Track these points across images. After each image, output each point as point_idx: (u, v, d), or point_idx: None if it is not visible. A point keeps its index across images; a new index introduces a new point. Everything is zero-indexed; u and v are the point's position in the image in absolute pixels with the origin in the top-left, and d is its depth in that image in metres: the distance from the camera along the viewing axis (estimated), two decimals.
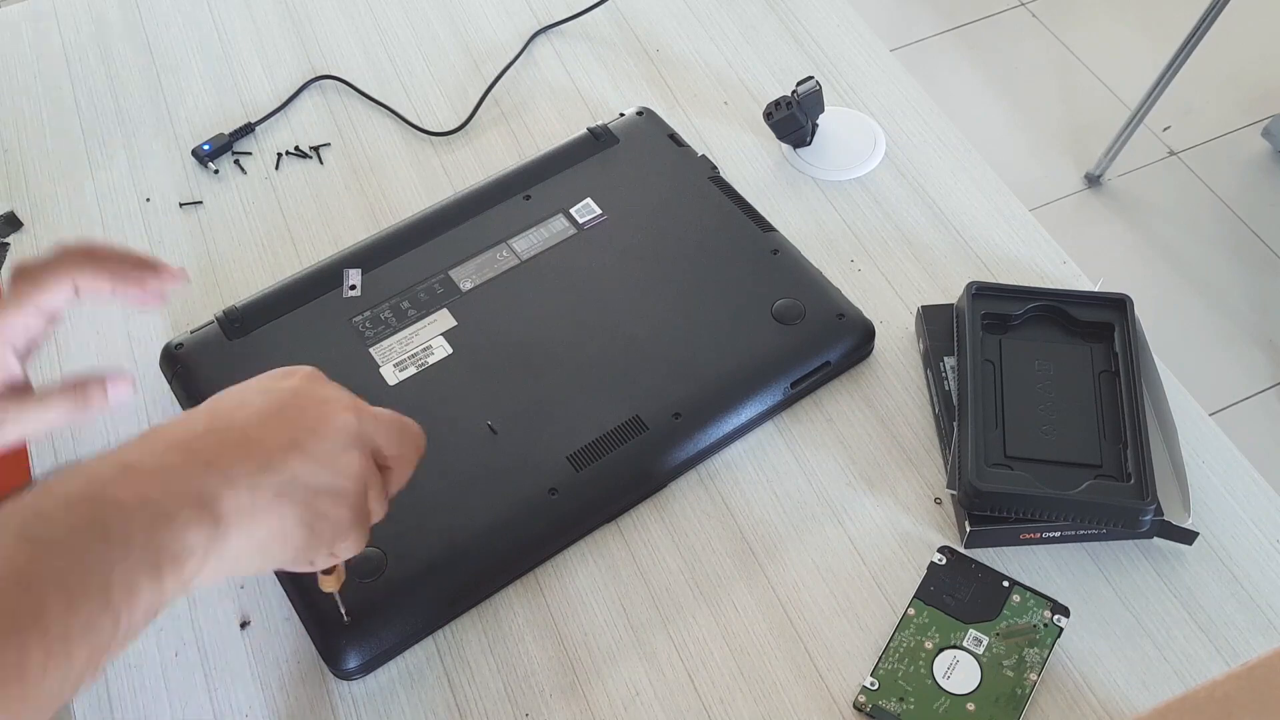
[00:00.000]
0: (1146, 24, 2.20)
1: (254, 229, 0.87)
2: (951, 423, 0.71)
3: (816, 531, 0.70)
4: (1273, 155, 2.00)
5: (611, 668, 0.65)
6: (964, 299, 0.74)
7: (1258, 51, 2.13)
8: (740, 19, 0.99)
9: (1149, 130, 2.01)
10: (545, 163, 0.85)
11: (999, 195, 0.86)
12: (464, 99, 0.95)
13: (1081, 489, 0.66)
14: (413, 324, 0.76)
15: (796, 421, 0.75)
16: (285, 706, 0.65)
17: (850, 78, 0.94)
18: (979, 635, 0.64)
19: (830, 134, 0.89)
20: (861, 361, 0.77)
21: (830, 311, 0.75)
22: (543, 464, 0.69)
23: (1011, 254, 0.82)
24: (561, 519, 0.69)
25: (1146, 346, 0.73)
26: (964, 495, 0.67)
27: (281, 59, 0.99)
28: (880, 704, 0.62)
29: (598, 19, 1.00)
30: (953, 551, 0.68)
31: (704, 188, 0.82)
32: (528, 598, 0.68)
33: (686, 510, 0.71)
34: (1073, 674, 0.64)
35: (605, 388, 0.72)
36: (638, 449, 0.70)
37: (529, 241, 0.80)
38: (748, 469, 0.73)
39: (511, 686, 0.65)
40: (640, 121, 0.87)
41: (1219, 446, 0.72)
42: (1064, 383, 0.71)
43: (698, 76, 0.95)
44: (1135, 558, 0.68)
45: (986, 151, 0.89)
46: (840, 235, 0.84)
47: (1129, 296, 0.74)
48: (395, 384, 0.73)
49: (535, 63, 0.97)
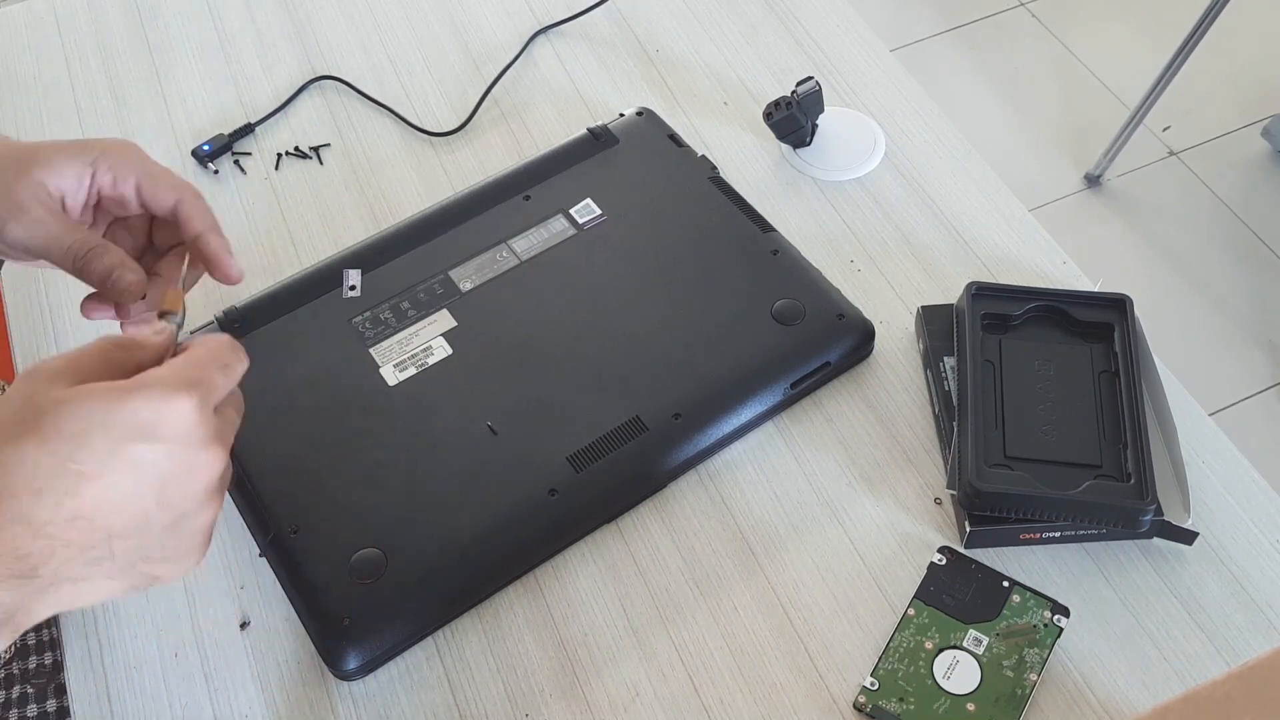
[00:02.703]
0: (1146, 24, 2.20)
1: (254, 229, 0.87)
2: (951, 423, 0.71)
3: (816, 531, 0.70)
4: (1273, 155, 2.00)
5: (611, 668, 0.65)
6: (964, 299, 0.74)
7: (1258, 51, 2.13)
8: (740, 19, 0.99)
9: (1149, 130, 2.01)
10: (545, 163, 0.85)
11: (999, 195, 0.86)
12: (464, 99, 0.95)
13: (1081, 489, 0.66)
14: (413, 324, 0.76)
15: (796, 422, 0.75)
16: (285, 706, 0.65)
17: (850, 78, 0.94)
18: (979, 635, 0.64)
19: (830, 134, 0.89)
20: (861, 362, 0.77)
21: (830, 312, 0.75)
22: (543, 464, 0.69)
23: (1011, 254, 0.82)
24: (561, 519, 0.69)
25: (1146, 346, 0.73)
26: (964, 495, 0.67)
27: (281, 59, 0.99)
28: (880, 704, 0.62)
29: (597, 19, 1.00)
30: (953, 552, 0.68)
31: (704, 188, 0.82)
32: (528, 598, 0.68)
33: (686, 510, 0.71)
34: (1073, 674, 0.64)
35: (605, 388, 0.72)
36: (638, 449, 0.70)
37: (529, 242, 0.80)
38: (748, 469, 0.73)
39: (511, 686, 0.65)
40: (640, 122, 0.87)
41: (1219, 446, 0.72)
42: (1064, 383, 0.71)
43: (698, 76, 0.95)
44: (1135, 558, 0.68)
45: (986, 151, 0.89)
46: (840, 235, 0.84)
47: (1129, 296, 0.74)
48: (395, 384, 0.73)
49: (535, 63, 0.97)
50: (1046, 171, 2.00)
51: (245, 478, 0.70)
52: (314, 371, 0.74)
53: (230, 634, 0.68)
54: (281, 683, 0.66)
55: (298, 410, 0.73)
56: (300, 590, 0.66)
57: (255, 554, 0.70)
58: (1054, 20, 2.23)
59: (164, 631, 0.68)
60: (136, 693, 0.66)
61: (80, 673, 0.67)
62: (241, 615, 0.68)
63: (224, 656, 0.67)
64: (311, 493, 0.69)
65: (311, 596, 0.66)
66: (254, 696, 0.65)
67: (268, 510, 0.69)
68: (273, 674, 0.66)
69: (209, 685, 0.66)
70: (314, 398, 0.73)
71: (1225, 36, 1.80)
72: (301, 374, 0.74)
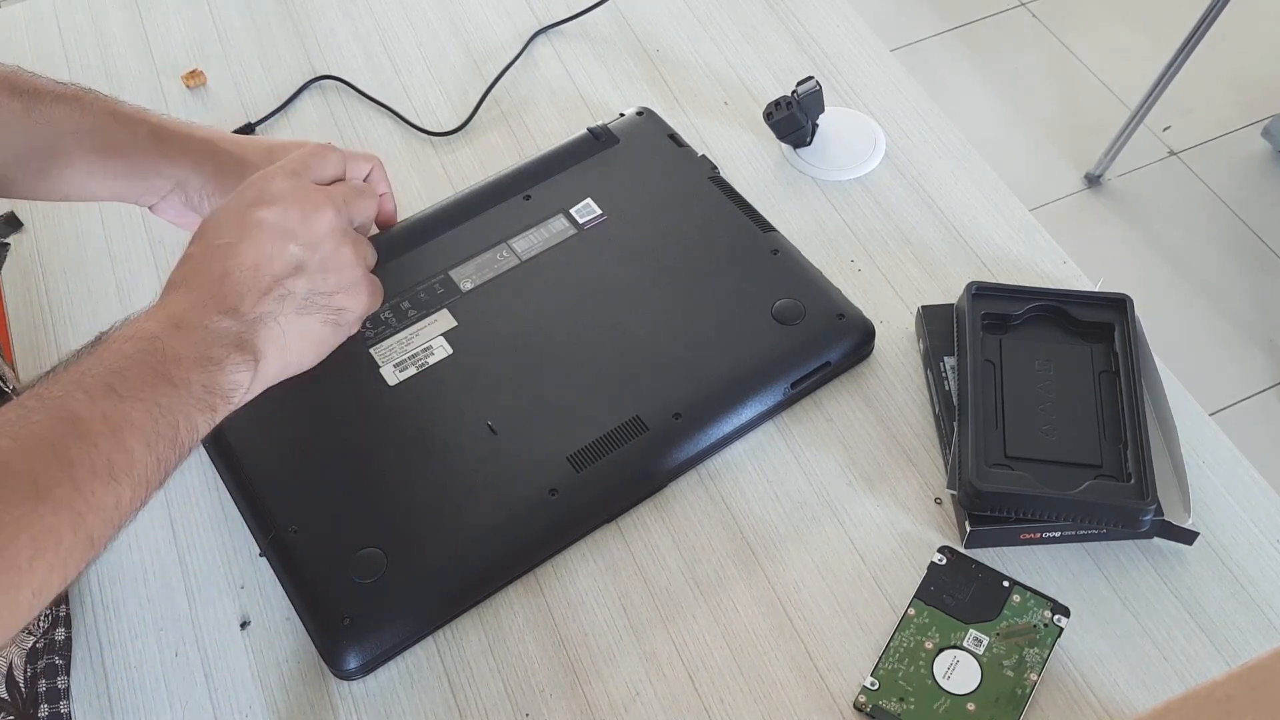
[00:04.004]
0: (1146, 24, 2.20)
1: None
2: (951, 423, 0.71)
3: (816, 531, 0.70)
4: (1273, 155, 2.00)
5: (611, 668, 0.65)
6: (964, 299, 0.74)
7: (1258, 51, 2.13)
8: (740, 19, 0.99)
9: (1149, 130, 2.01)
10: (545, 163, 0.85)
11: (999, 195, 0.86)
12: (464, 99, 0.95)
13: (1081, 489, 0.66)
14: (413, 324, 0.76)
15: (797, 421, 0.75)
16: (285, 706, 0.65)
17: (850, 78, 0.94)
18: (979, 635, 0.64)
19: (830, 134, 0.89)
20: (861, 361, 0.77)
21: (830, 311, 0.75)
22: (543, 464, 0.69)
23: (1011, 254, 0.82)
24: (561, 519, 0.69)
25: (1146, 346, 0.73)
26: (964, 495, 0.67)
27: (281, 59, 0.99)
28: (880, 704, 0.62)
29: (598, 19, 1.00)
30: (953, 551, 0.68)
31: (704, 188, 0.82)
32: (528, 598, 0.68)
33: (686, 510, 0.71)
34: (1073, 674, 0.64)
35: (605, 388, 0.72)
36: (638, 449, 0.70)
37: (529, 241, 0.80)
38: (748, 469, 0.73)
39: (511, 686, 0.65)
40: (640, 121, 0.87)
41: (1219, 446, 0.72)
42: (1064, 383, 0.71)
43: (698, 76, 0.95)
44: (1135, 558, 0.68)
45: (986, 151, 0.89)
46: (840, 235, 0.84)
47: (1129, 296, 0.74)
48: (395, 384, 0.73)
49: (535, 63, 0.97)
50: (1046, 171, 2.00)
51: (245, 478, 0.70)
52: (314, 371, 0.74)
53: (230, 634, 0.68)
54: (281, 682, 0.66)
55: (298, 410, 0.73)
56: (300, 590, 0.66)
57: (255, 554, 0.70)
58: (1054, 20, 2.23)
59: (164, 631, 0.68)
60: (136, 692, 0.66)
61: (80, 672, 0.67)
62: (241, 615, 0.68)
63: (224, 656, 0.67)
64: (311, 492, 0.69)
65: (311, 596, 0.66)
66: (254, 696, 0.65)
67: (268, 510, 0.69)
68: (273, 673, 0.66)
69: (209, 685, 0.66)
70: (314, 398, 0.73)
71: (1225, 36, 1.80)
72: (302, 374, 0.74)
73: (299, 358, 0.60)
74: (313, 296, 0.59)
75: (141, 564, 0.71)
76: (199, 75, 0.97)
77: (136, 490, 0.50)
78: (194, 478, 0.74)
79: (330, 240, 0.60)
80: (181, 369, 0.53)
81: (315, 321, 0.60)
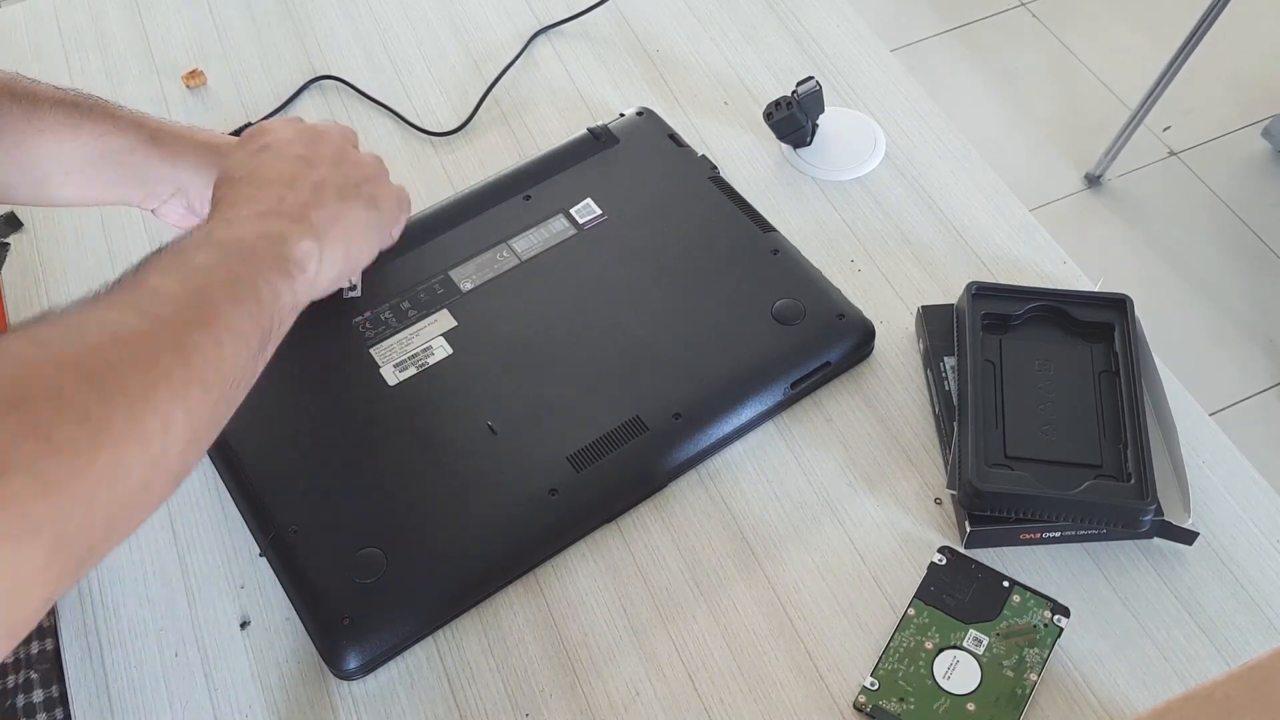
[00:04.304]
0: (1146, 24, 2.20)
1: None
2: (951, 423, 0.71)
3: (816, 531, 0.70)
4: (1273, 155, 2.00)
5: (611, 668, 0.65)
6: (964, 299, 0.74)
7: (1258, 51, 2.13)
8: (740, 19, 0.99)
9: (1149, 130, 2.01)
10: (545, 163, 0.85)
11: (999, 195, 0.86)
12: (464, 99, 0.95)
13: (1081, 489, 0.66)
14: (413, 324, 0.76)
15: (796, 421, 0.75)
16: (285, 706, 0.65)
17: (850, 78, 0.94)
18: (979, 635, 0.64)
19: (830, 134, 0.89)
20: (861, 361, 0.77)
21: (830, 311, 0.75)
22: (543, 464, 0.69)
23: (1011, 254, 0.82)
24: (561, 519, 0.69)
25: (1146, 346, 0.73)
26: (964, 495, 0.67)
27: (281, 59, 0.99)
28: (880, 704, 0.62)
29: (598, 19, 1.00)
30: (953, 551, 0.68)
31: (704, 188, 0.82)
32: (528, 598, 0.68)
33: (686, 510, 0.71)
34: (1073, 674, 0.64)
35: (605, 388, 0.72)
36: (638, 449, 0.70)
37: (529, 242, 0.80)
38: (748, 469, 0.73)
39: (511, 686, 0.65)
40: (640, 121, 0.87)
41: (1219, 446, 0.72)
42: (1064, 383, 0.71)
43: (698, 76, 0.95)
44: (1135, 558, 0.68)
45: (986, 151, 0.89)
46: (840, 235, 0.84)
47: (1129, 296, 0.74)
48: (395, 384, 0.73)
49: (535, 63, 0.97)
50: (1046, 171, 2.00)
51: (245, 478, 0.70)
52: (314, 371, 0.74)
53: (230, 634, 0.68)
54: (281, 682, 0.66)
55: (298, 410, 0.73)
56: (300, 590, 0.66)
57: (255, 554, 0.70)
58: (1054, 20, 2.23)
59: (164, 631, 0.68)
60: (136, 693, 0.66)
61: (80, 672, 0.67)
62: (241, 615, 0.68)
63: (224, 656, 0.67)
64: (311, 492, 0.69)
65: (311, 596, 0.66)
66: (254, 696, 0.65)
67: (268, 510, 0.69)
68: (273, 673, 0.66)
69: (209, 685, 0.66)
70: (314, 397, 0.73)
71: (1225, 36, 1.80)
72: (302, 374, 0.74)
73: (358, 242, 0.65)
74: (344, 186, 0.64)
75: (141, 564, 0.71)
76: (199, 75, 0.97)
77: (234, 344, 0.53)
78: (194, 477, 0.74)
79: (335, 148, 0.66)
80: (246, 241, 0.57)
81: (358, 206, 0.64)
